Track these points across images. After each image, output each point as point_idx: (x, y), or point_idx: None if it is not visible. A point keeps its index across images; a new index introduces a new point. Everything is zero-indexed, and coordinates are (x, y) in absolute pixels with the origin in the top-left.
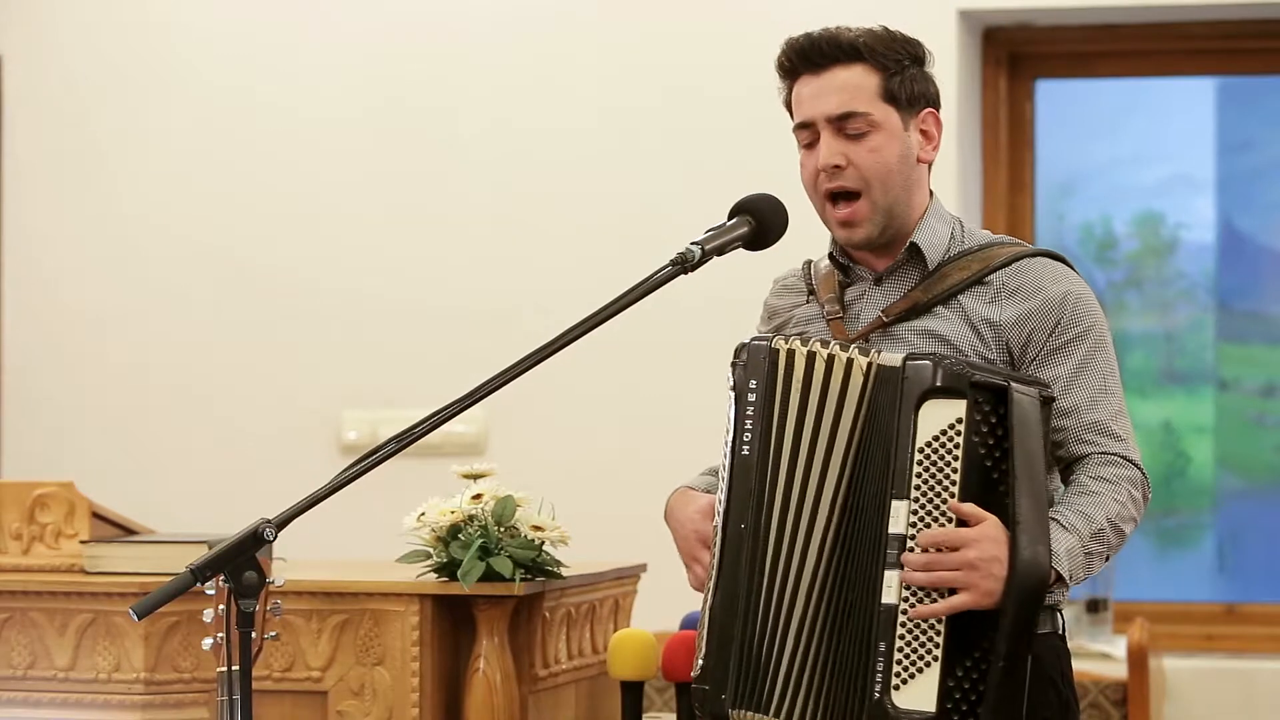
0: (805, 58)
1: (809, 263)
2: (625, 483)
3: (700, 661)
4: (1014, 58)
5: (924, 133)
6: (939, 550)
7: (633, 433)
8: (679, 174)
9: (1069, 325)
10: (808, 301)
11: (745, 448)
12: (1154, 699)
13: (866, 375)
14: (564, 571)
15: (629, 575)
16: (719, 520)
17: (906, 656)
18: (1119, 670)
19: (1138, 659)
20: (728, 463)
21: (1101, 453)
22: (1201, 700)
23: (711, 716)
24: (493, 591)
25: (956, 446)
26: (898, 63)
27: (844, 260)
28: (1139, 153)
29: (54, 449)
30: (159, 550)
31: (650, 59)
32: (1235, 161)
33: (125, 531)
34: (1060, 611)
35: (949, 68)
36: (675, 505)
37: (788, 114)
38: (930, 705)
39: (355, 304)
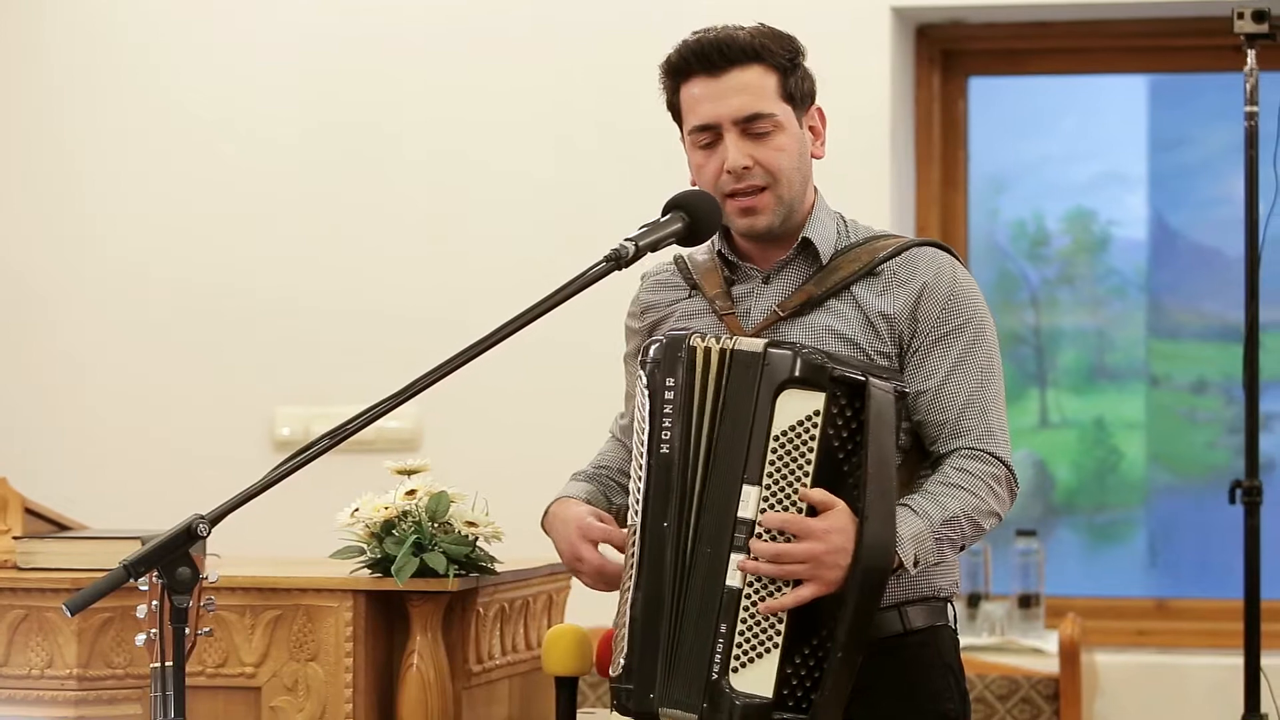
0: (704, 59)
1: (681, 258)
2: (559, 479)
3: (622, 660)
4: (947, 55)
5: (812, 129)
6: (786, 538)
7: (566, 428)
8: (613, 172)
9: (951, 316)
10: (690, 296)
11: (664, 446)
12: (1085, 694)
13: (726, 360)
14: (498, 567)
15: (562, 571)
16: (637, 519)
17: (748, 640)
18: (1051, 665)
19: (1069, 654)
20: (645, 460)
21: (970, 447)
22: (1133, 695)
23: (637, 715)
24: (426, 587)
25: (812, 438)
26: (791, 61)
27: (731, 258)
28: (1071, 150)
29: None
30: (92, 546)
31: (586, 56)
32: (1167, 159)
33: (58, 527)
34: (952, 603)
35: (882, 64)
36: (558, 510)
37: (672, 114)
38: (768, 690)
39: (288, 300)
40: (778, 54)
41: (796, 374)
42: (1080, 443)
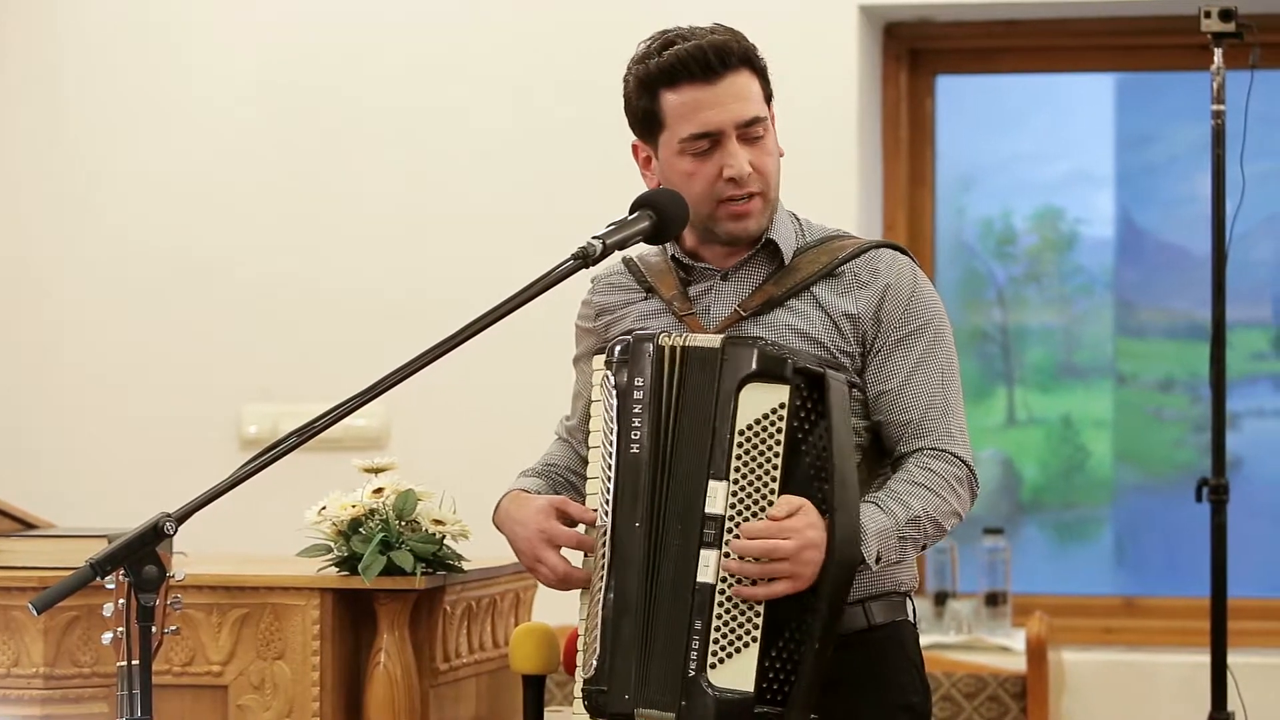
0: (703, 65)
1: (631, 260)
2: None
3: (595, 662)
4: (915, 53)
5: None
6: (765, 540)
7: (534, 427)
8: (584, 168)
9: (912, 318)
10: (646, 298)
11: (634, 445)
12: (1053, 692)
13: (682, 357)
14: (465, 565)
15: None
16: (606, 520)
17: (724, 635)
18: (1018, 663)
19: (1037, 652)
20: (613, 461)
21: (932, 447)
22: (1100, 693)
23: (612, 717)
24: (393, 585)
25: (779, 430)
26: (763, 63)
27: (686, 260)
28: (1039, 148)
29: None
30: (58, 544)
31: (560, 49)
32: (1134, 157)
33: (24, 525)
34: (911, 597)
35: (849, 63)
36: (510, 507)
37: (644, 121)
38: (749, 685)
39: (255, 298)
40: (757, 57)
41: (758, 367)
42: (1047, 441)
